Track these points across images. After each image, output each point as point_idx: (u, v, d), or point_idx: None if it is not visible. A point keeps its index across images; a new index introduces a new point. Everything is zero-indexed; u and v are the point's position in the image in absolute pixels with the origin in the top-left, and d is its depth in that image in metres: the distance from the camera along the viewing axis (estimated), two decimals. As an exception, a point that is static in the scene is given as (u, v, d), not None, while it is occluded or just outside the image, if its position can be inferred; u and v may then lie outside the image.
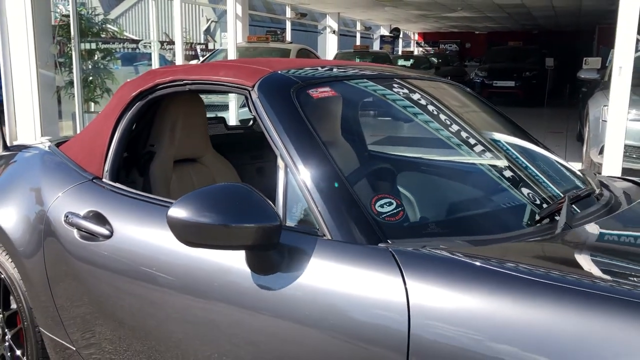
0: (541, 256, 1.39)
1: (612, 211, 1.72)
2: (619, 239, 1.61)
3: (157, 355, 1.72)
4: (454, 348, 1.16)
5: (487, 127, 2.29)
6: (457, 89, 2.45)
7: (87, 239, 1.85)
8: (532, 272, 1.20)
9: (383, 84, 2.06)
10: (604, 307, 1.07)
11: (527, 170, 1.92)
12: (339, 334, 1.29)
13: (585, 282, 1.16)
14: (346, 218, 1.40)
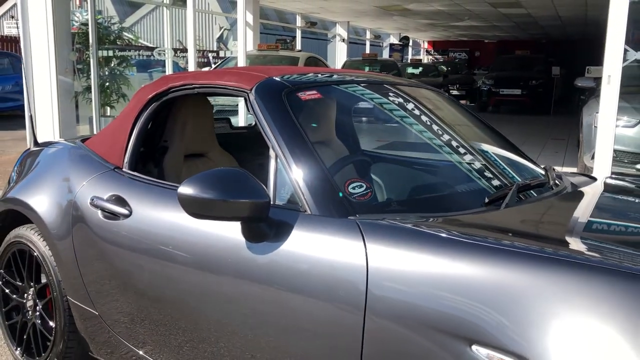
0: (480, 225, 1.68)
1: (555, 195, 2.02)
2: (546, 214, 1.92)
3: (173, 323, 2.02)
4: (404, 303, 1.44)
5: (461, 126, 2.59)
6: (438, 94, 2.76)
7: (110, 219, 2.18)
8: (470, 237, 1.49)
9: (367, 88, 2.38)
10: (527, 264, 1.34)
11: (488, 162, 2.24)
12: (311, 294, 1.58)
13: (510, 244, 1.45)
14: (323, 197, 1.71)
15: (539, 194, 2.06)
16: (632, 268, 1.28)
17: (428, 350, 1.38)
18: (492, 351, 1.27)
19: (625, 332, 1.15)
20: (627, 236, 1.77)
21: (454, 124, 2.56)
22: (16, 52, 15.16)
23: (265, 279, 1.70)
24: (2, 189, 6.34)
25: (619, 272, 1.25)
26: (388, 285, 1.47)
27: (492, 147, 2.48)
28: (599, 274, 1.25)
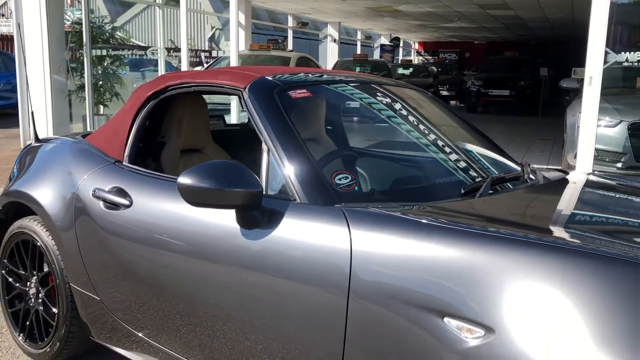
0: (455, 213, 1.83)
1: (527, 187, 2.19)
2: (515, 203, 2.08)
3: (171, 308, 2.15)
4: (384, 284, 1.57)
5: (443, 123, 2.75)
6: (423, 94, 2.92)
7: (111, 209, 2.31)
8: (445, 222, 1.64)
9: (356, 87, 2.54)
10: (491, 245, 1.49)
11: (467, 157, 2.40)
12: (299, 277, 1.71)
13: (479, 228, 1.60)
14: (311, 187, 1.86)
15: (513, 186, 2.22)
16: (581, 246, 1.44)
17: (406, 325, 1.52)
18: (461, 322, 1.42)
19: (574, 299, 1.30)
20: (583, 221, 1.93)
21: (436, 122, 2.71)
22: (8, 51, 15.19)
23: (258, 264, 1.83)
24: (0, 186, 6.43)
25: (568, 249, 1.41)
26: (370, 267, 1.61)
27: (472, 143, 2.65)
28: (552, 252, 1.40)
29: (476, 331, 1.39)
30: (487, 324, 1.38)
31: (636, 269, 1.31)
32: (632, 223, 1.88)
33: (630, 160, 6.13)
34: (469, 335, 1.40)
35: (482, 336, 1.38)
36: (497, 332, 1.36)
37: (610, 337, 1.23)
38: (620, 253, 1.40)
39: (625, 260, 1.35)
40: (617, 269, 1.32)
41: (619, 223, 1.93)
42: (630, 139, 6.14)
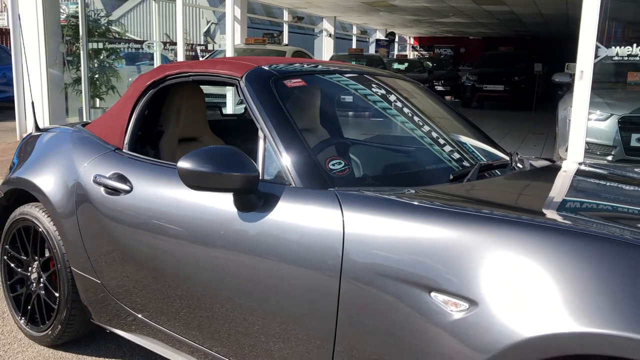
0: (443, 196, 1.90)
1: (513, 173, 2.27)
2: (501, 186, 2.16)
3: (171, 291, 2.23)
4: (375, 263, 1.65)
5: (435, 113, 2.83)
6: (414, 84, 2.99)
7: (112, 194, 2.38)
8: (433, 204, 1.72)
9: (349, 78, 2.61)
10: (476, 223, 1.56)
11: (457, 146, 2.48)
12: (294, 258, 1.78)
13: (464, 208, 1.67)
14: (306, 171, 1.93)
15: (501, 173, 2.30)
16: (557, 223, 1.53)
17: (395, 302, 1.60)
18: (447, 296, 1.50)
19: (549, 272, 1.38)
20: (561, 203, 2.03)
21: (428, 112, 2.79)
22: (4, 44, 15.17)
23: (255, 246, 1.90)
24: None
25: (545, 227, 1.49)
26: (362, 248, 1.68)
27: (463, 133, 2.73)
28: (530, 229, 1.48)
29: (461, 304, 1.47)
30: (470, 298, 1.46)
31: (607, 244, 1.39)
32: (608, 206, 1.97)
33: (620, 153, 6.23)
34: (454, 309, 1.49)
35: (467, 309, 1.46)
36: (480, 305, 1.44)
37: (581, 305, 1.32)
38: (594, 230, 1.48)
39: (598, 236, 1.43)
40: (590, 245, 1.40)
41: (596, 205, 2.02)
42: (620, 132, 6.24)
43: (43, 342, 2.79)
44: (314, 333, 1.79)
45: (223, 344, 2.08)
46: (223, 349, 2.09)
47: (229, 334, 2.05)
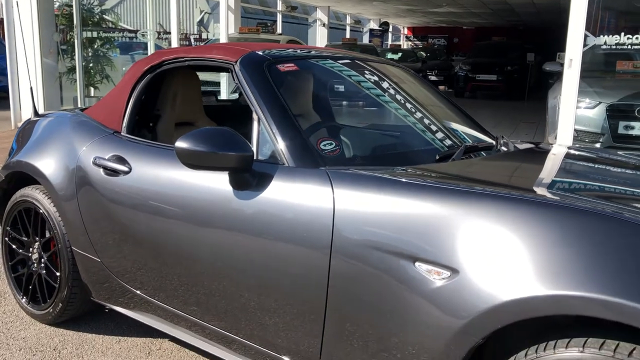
0: (429, 174, 1.99)
1: (497, 154, 2.37)
2: (483, 165, 2.26)
3: (169, 269, 2.31)
4: (363, 236, 1.73)
5: (424, 97, 2.92)
6: (404, 70, 3.08)
7: (111, 175, 2.46)
8: (417, 180, 1.80)
9: (341, 63, 2.70)
10: (457, 197, 1.65)
11: (445, 129, 2.58)
12: (288, 235, 1.86)
13: (446, 184, 1.76)
14: (298, 151, 2.02)
15: (486, 154, 2.40)
16: (532, 197, 1.63)
17: (382, 272, 1.69)
18: (430, 266, 1.60)
19: (523, 241, 1.48)
20: (537, 178, 2.14)
21: (417, 96, 2.88)
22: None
23: (249, 224, 1.99)
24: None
25: (521, 199, 1.59)
26: (351, 223, 1.77)
27: (450, 117, 2.83)
28: (507, 202, 1.57)
29: (443, 273, 1.57)
30: (452, 266, 1.56)
31: (577, 215, 1.49)
32: (580, 181, 2.09)
33: (608, 140, 6.35)
34: (437, 277, 1.58)
35: (448, 277, 1.56)
36: (461, 273, 1.54)
37: (553, 270, 1.42)
38: (566, 202, 1.58)
39: (569, 207, 1.53)
40: (562, 216, 1.50)
41: (569, 181, 2.14)
42: (608, 120, 6.35)
43: (44, 320, 2.88)
44: (306, 306, 1.87)
45: (220, 318, 2.17)
46: (220, 323, 2.18)
47: (226, 309, 2.14)
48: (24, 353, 2.62)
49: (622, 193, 2.00)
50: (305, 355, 1.93)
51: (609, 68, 6.69)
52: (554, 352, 1.42)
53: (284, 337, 1.96)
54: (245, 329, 2.10)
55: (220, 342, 2.23)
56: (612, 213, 1.49)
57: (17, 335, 2.78)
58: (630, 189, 2.07)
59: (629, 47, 5.88)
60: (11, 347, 2.67)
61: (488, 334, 1.49)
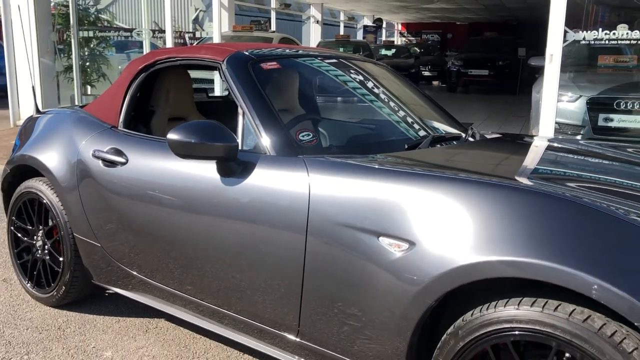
0: (397, 161, 2.20)
1: (463, 143, 2.60)
2: (447, 153, 2.48)
3: (164, 253, 2.52)
4: (334, 215, 1.95)
5: (400, 92, 3.14)
6: (382, 67, 3.31)
7: (109, 167, 2.68)
8: (383, 166, 2.02)
9: (322, 60, 2.92)
10: (416, 180, 1.86)
11: (417, 120, 2.80)
12: (267, 220, 2.07)
13: (409, 168, 1.97)
14: (278, 142, 2.24)
15: (453, 143, 2.62)
16: (480, 178, 1.84)
17: (351, 246, 1.90)
18: (391, 239, 1.81)
19: (472, 217, 1.70)
20: (492, 163, 2.39)
21: (394, 91, 3.10)
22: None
23: (235, 208, 2.20)
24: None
25: (471, 180, 1.81)
26: (324, 205, 1.98)
27: (424, 109, 3.05)
28: (457, 183, 1.79)
29: (402, 245, 1.79)
30: (409, 239, 1.78)
31: (519, 193, 1.71)
32: (531, 164, 2.32)
33: (588, 132, 6.57)
34: (397, 249, 1.80)
35: (407, 249, 1.78)
36: (417, 244, 1.76)
37: (488, 241, 1.64)
38: (504, 182, 1.80)
39: (505, 186, 1.75)
40: (506, 193, 1.71)
41: (519, 164, 2.37)
42: (588, 113, 6.58)
43: (49, 303, 3.10)
44: (287, 282, 2.09)
45: (213, 296, 2.38)
46: (213, 301, 2.39)
47: (219, 289, 2.35)
48: (31, 332, 2.84)
49: (562, 175, 2.25)
50: (287, 326, 2.14)
51: (589, 62, 6.92)
52: (494, 310, 1.64)
53: (270, 312, 2.17)
54: (235, 305, 2.31)
55: (213, 318, 2.44)
56: (544, 190, 1.71)
57: (24, 316, 3.00)
58: (571, 171, 2.31)
59: (607, 42, 6.10)
60: (19, 327, 2.89)
61: (439, 297, 1.71)
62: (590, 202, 1.65)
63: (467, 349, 1.69)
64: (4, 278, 3.46)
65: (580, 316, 1.51)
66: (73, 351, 2.67)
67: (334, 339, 2.00)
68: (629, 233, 1.53)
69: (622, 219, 1.57)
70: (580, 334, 1.50)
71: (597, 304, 1.49)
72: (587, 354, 1.49)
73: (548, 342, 1.55)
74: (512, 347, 1.62)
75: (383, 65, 3.35)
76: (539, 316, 1.56)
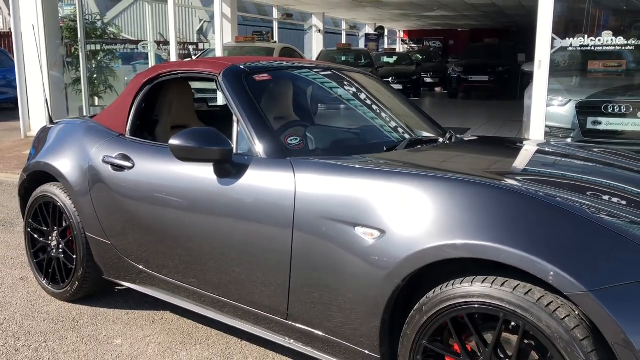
0: (374, 160, 2.46)
1: (439, 145, 2.87)
2: (421, 154, 2.74)
3: (170, 250, 2.77)
4: (317, 212, 2.20)
5: (385, 99, 3.40)
6: (370, 76, 3.57)
7: (118, 171, 2.95)
8: (359, 165, 2.27)
9: (310, 71, 3.19)
10: (389, 177, 2.11)
11: (399, 125, 3.06)
12: (259, 217, 2.33)
13: (385, 166, 2.23)
14: (268, 145, 2.50)
15: (430, 145, 2.88)
16: (445, 174, 2.10)
17: (331, 237, 2.15)
18: (365, 229, 2.06)
19: (435, 208, 1.95)
20: (460, 162, 2.66)
21: (379, 98, 3.37)
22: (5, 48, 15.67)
23: (230, 206, 2.45)
24: (1, 172, 7.04)
25: (431, 176, 2.06)
26: (308, 201, 2.23)
27: (407, 115, 3.31)
28: (423, 179, 2.05)
29: (374, 233, 2.05)
30: (381, 228, 2.03)
31: (476, 187, 1.97)
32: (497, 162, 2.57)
33: (578, 135, 6.81)
34: (370, 237, 2.06)
35: (378, 236, 2.03)
36: (387, 232, 2.01)
37: (452, 228, 1.89)
38: (467, 178, 2.05)
39: (468, 182, 2.00)
40: (466, 187, 1.97)
41: (485, 162, 2.63)
42: (578, 117, 6.81)
43: (63, 298, 3.36)
44: (276, 272, 2.34)
45: (214, 287, 2.63)
46: (215, 291, 2.65)
47: (220, 282, 2.60)
48: (48, 323, 3.11)
49: (518, 170, 2.54)
50: (278, 311, 2.39)
51: (578, 68, 7.16)
52: (452, 288, 1.89)
53: (267, 301, 2.42)
54: (235, 295, 2.55)
55: (214, 307, 2.70)
56: (497, 185, 1.97)
57: (41, 310, 3.27)
58: (528, 167, 2.60)
59: (593, 48, 6.34)
60: (37, 319, 3.15)
61: (406, 276, 1.96)
62: (527, 190, 1.92)
63: (430, 323, 1.93)
64: (22, 277, 3.74)
65: (523, 290, 1.76)
66: (86, 339, 2.93)
67: (318, 320, 2.25)
68: (558, 215, 1.79)
69: (553, 204, 1.83)
70: (523, 305, 1.75)
71: (540, 281, 1.74)
72: (528, 322, 1.74)
73: (496, 314, 1.80)
74: (467, 319, 1.86)
75: (371, 75, 3.61)
76: (489, 291, 1.81)
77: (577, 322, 1.68)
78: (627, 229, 1.76)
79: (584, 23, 6.84)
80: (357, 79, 3.41)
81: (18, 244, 4.35)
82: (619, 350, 1.60)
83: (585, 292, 1.63)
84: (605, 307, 1.60)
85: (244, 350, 2.82)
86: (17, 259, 4.07)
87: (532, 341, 1.78)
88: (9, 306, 3.31)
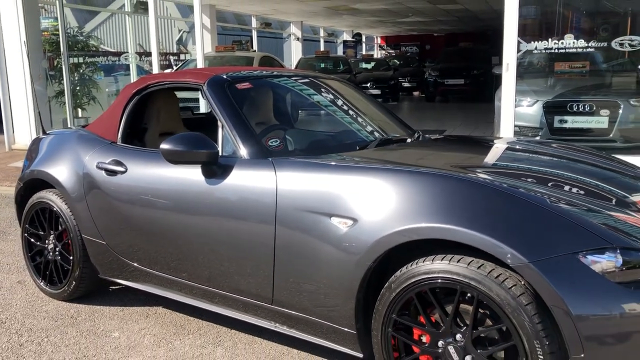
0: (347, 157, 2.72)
1: (407, 144, 3.15)
2: (389, 151, 3.01)
3: (161, 248, 3.00)
4: (296, 206, 2.45)
5: (358, 103, 3.68)
6: (346, 83, 3.85)
7: (111, 175, 3.17)
8: (333, 162, 2.54)
9: (290, 79, 3.45)
10: (360, 171, 2.38)
11: (371, 126, 3.34)
12: (245, 214, 2.58)
13: (356, 162, 2.49)
14: (251, 148, 2.74)
15: (398, 144, 3.17)
16: (409, 167, 2.37)
17: (309, 227, 2.40)
18: (340, 218, 2.32)
19: (403, 197, 2.21)
20: (417, 156, 2.96)
21: (352, 102, 3.64)
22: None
23: (217, 204, 2.70)
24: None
25: (396, 170, 2.33)
26: (288, 196, 2.48)
27: (379, 117, 3.59)
28: (388, 172, 2.32)
29: (348, 222, 2.30)
30: (353, 217, 2.29)
31: (437, 178, 2.24)
32: (458, 156, 2.86)
33: (546, 133, 7.15)
34: (344, 226, 2.31)
35: (351, 224, 2.29)
36: (359, 220, 2.27)
37: (414, 213, 2.15)
38: (427, 170, 2.33)
39: (423, 172, 2.28)
40: (427, 178, 2.24)
41: (445, 156, 2.93)
42: (545, 116, 7.16)
43: (61, 297, 3.57)
44: (262, 262, 2.58)
45: (205, 280, 2.86)
46: (205, 283, 2.88)
47: (209, 275, 2.83)
48: (48, 320, 3.32)
49: (475, 163, 2.84)
50: (264, 297, 2.64)
51: (544, 70, 7.52)
52: (416, 266, 2.16)
53: (254, 289, 2.66)
54: (224, 286, 2.79)
55: (205, 298, 2.93)
56: (452, 175, 2.24)
57: (41, 309, 3.47)
58: (487, 160, 2.91)
59: (556, 51, 6.69)
60: (37, 317, 3.36)
61: (375, 259, 2.21)
62: (477, 179, 2.21)
63: (398, 298, 2.20)
64: (19, 280, 3.93)
65: (476, 265, 2.03)
66: (86, 333, 3.15)
67: (301, 303, 2.50)
68: (505, 199, 2.08)
69: (500, 190, 2.11)
70: (476, 277, 2.02)
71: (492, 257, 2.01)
72: (481, 292, 2.01)
73: (454, 287, 2.07)
74: (430, 293, 2.13)
75: (345, 82, 3.89)
76: (447, 267, 2.08)
77: (522, 290, 1.95)
78: (561, 207, 2.05)
79: (548, 27, 7.20)
80: (332, 85, 3.68)
81: (12, 251, 4.54)
82: (555, 311, 1.88)
83: (526, 263, 1.91)
84: (544, 275, 1.88)
85: (233, 338, 3.05)
86: (12, 264, 4.26)
87: (487, 310, 2.05)
88: (9, 307, 3.51)
